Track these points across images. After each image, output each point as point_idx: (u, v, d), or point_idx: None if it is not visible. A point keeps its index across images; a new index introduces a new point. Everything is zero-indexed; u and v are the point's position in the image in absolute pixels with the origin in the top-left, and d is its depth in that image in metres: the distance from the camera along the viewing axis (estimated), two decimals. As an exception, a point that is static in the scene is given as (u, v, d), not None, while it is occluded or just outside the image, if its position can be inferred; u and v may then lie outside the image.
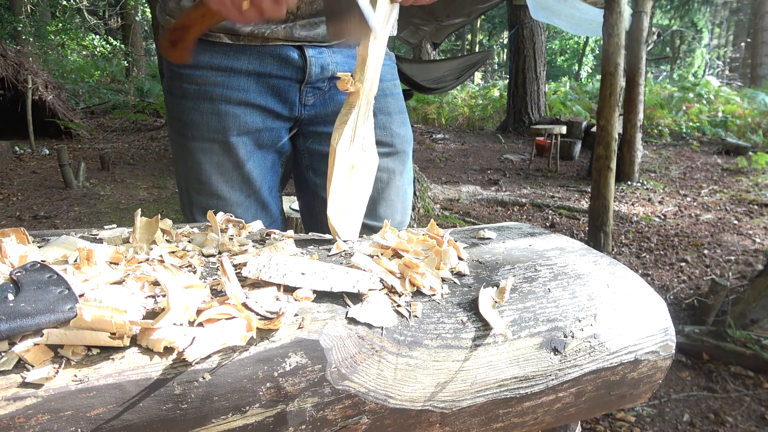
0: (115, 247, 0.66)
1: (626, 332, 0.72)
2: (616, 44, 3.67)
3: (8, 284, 0.52)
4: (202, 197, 1.15)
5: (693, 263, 3.79)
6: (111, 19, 17.88)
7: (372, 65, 0.82)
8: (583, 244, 0.86)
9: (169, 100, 1.15)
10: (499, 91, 13.36)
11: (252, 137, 1.13)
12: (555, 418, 0.72)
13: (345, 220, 0.85)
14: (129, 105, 11.44)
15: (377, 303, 0.61)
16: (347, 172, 0.84)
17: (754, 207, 5.39)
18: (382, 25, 0.83)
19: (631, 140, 6.09)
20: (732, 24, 26.47)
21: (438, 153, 8.61)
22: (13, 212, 4.83)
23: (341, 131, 0.81)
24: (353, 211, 0.87)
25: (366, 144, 0.87)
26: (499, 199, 5.53)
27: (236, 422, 0.50)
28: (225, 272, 0.55)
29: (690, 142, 9.37)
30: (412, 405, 0.59)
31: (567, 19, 6.79)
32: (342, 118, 0.83)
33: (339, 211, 0.83)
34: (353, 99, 0.82)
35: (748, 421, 2.12)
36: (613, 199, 3.74)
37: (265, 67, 1.10)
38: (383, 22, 0.83)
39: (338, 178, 0.83)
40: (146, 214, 1.12)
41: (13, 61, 7.58)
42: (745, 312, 2.70)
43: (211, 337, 0.50)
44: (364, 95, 0.83)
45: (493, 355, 0.63)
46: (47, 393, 0.44)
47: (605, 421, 2.11)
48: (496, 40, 23.93)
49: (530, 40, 9.84)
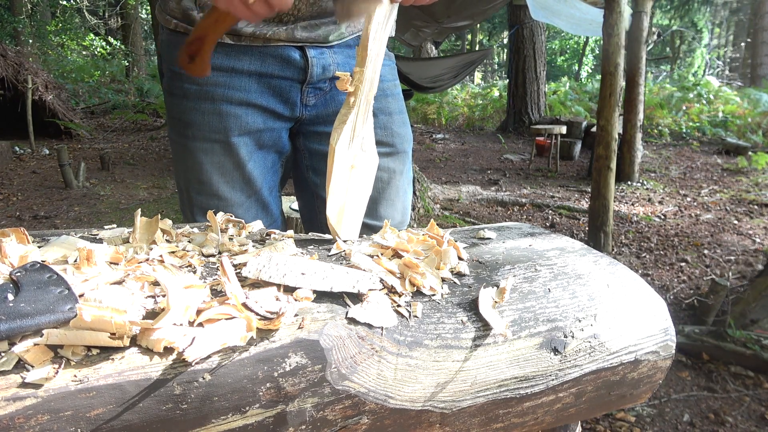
0: (115, 247, 0.66)
1: (626, 332, 0.72)
2: (616, 44, 3.67)
3: (8, 284, 0.52)
4: (202, 197, 1.15)
5: (693, 263, 3.79)
6: (111, 19, 17.88)
7: (371, 65, 0.82)
8: (583, 244, 0.86)
9: (170, 100, 1.15)
10: (499, 91, 13.37)
11: (253, 137, 1.13)
12: (555, 419, 0.72)
13: (345, 220, 0.85)
14: (129, 105, 11.44)
15: (377, 303, 0.61)
16: (347, 172, 0.84)
17: (754, 207, 5.39)
18: (382, 24, 0.83)
19: (631, 140, 6.09)
20: (732, 24, 26.47)
21: (438, 153, 8.61)
22: (13, 212, 4.83)
23: (340, 131, 0.81)
24: (353, 211, 0.87)
25: (366, 144, 0.87)
26: (499, 199, 5.54)
27: (236, 422, 0.50)
28: (225, 272, 0.55)
29: (690, 142, 9.37)
30: (412, 405, 0.59)
31: (567, 19, 6.79)
32: (341, 118, 0.82)
33: (338, 212, 0.83)
34: (352, 99, 0.82)
35: (748, 421, 2.12)
36: (613, 199, 3.74)
37: (266, 68, 1.10)
38: (383, 22, 0.83)
39: (337, 178, 0.83)
40: (146, 214, 1.12)
41: (13, 61, 7.58)
42: (745, 312, 2.70)
43: (211, 337, 0.50)
44: (363, 95, 0.82)
45: (493, 356, 0.63)
46: (47, 393, 0.44)
47: (605, 421, 2.11)
48: (496, 40, 23.93)
49: (530, 40, 9.84)
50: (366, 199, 0.90)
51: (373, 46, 0.81)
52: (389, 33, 0.88)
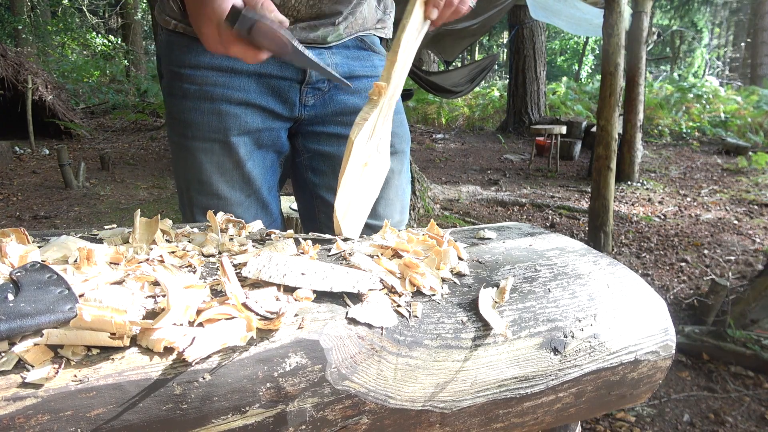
0: (115, 247, 0.66)
1: (626, 332, 0.72)
2: (616, 44, 3.67)
3: (8, 284, 0.52)
4: (202, 197, 1.15)
5: (693, 263, 3.79)
6: (111, 18, 17.88)
7: (399, 71, 0.85)
8: (583, 244, 0.86)
9: (169, 100, 1.15)
10: (499, 91, 13.36)
11: (252, 137, 1.14)
12: (555, 418, 0.72)
13: (350, 217, 0.86)
14: (129, 105, 11.44)
15: (377, 303, 0.61)
16: (360, 168, 0.85)
17: (754, 207, 5.39)
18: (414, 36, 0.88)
19: (631, 140, 6.09)
20: (732, 24, 26.47)
21: (438, 153, 8.61)
22: (13, 212, 4.83)
23: (361, 126, 0.83)
24: (358, 209, 0.87)
25: (381, 146, 0.89)
26: (499, 199, 5.54)
27: (236, 422, 0.50)
28: (225, 272, 0.55)
29: (690, 142, 9.37)
30: (412, 405, 0.59)
31: (567, 19, 6.79)
32: (363, 114, 0.85)
33: (345, 207, 0.84)
34: (377, 98, 0.84)
35: (748, 421, 2.12)
36: (613, 199, 3.74)
37: (265, 68, 1.10)
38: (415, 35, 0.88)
39: (351, 172, 0.84)
40: (146, 214, 1.12)
41: (13, 61, 7.58)
42: (745, 312, 2.70)
43: (211, 337, 0.50)
44: (387, 97, 0.85)
45: (493, 356, 0.63)
46: (47, 393, 0.44)
47: (605, 421, 2.11)
48: (496, 40, 23.92)
49: (530, 40, 9.84)
50: (372, 201, 0.91)
51: (403, 56, 0.85)
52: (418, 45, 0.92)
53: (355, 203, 0.86)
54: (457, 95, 8.15)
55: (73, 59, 15.25)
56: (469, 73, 7.90)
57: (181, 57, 1.10)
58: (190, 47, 1.09)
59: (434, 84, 7.64)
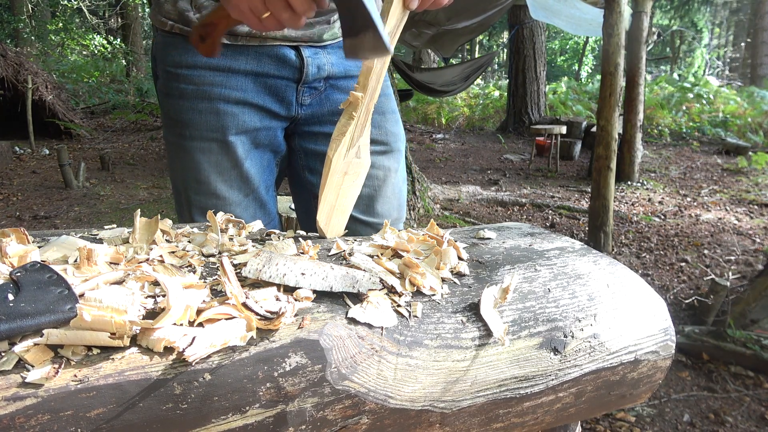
0: (115, 247, 0.66)
1: (626, 332, 0.72)
2: (616, 44, 3.67)
3: (8, 284, 0.52)
4: (200, 197, 1.15)
5: (693, 263, 3.79)
6: (111, 18, 17.88)
7: (375, 77, 0.82)
8: (583, 244, 0.86)
9: (166, 101, 1.15)
10: (499, 91, 13.36)
11: (250, 136, 1.14)
12: (555, 418, 0.72)
13: (332, 222, 0.86)
14: (129, 105, 11.43)
15: (377, 303, 0.61)
16: (340, 179, 0.85)
17: (754, 207, 5.39)
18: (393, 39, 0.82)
19: (631, 140, 6.09)
20: (732, 24, 26.47)
21: (438, 153, 8.61)
22: (13, 212, 4.83)
23: (339, 142, 0.81)
24: (341, 211, 0.88)
25: (361, 151, 0.88)
26: (499, 199, 5.53)
27: (236, 422, 0.50)
28: (225, 272, 0.55)
29: (690, 142, 9.37)
30: (412, 405, 0.59)
31: (567, 19, 6.79)
32: (341, 128, 0.82)
33: (327, 217, 0.85)
34: (353, 109, 0.82)
35: (748, 421, 2.12)
36: (613, 199, 3.74)
37: (262, 67, 1.11)
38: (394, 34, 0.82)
39: (331, 186, 0.84)
40: (146, 214, 1.12)
41: (13, 61, 7.58)
42: (745, 312, 2.70)
43: (211, 337, 0.50)
44: (364, 105, 0.82)
45: (492, 355, 0.64)
46: (47, 393, 0.44)
47: (605, 421, 2.11)
48: (496, 40, 23.92)
49: (530, 40, 9.84)
50: (354, 200, 0.90)
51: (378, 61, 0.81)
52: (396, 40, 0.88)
53: (338, 208, 0.87)
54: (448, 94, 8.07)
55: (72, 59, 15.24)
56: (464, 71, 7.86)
57: (177, 57, 1.10)
58: (187, 48, 1.09)
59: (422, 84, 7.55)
